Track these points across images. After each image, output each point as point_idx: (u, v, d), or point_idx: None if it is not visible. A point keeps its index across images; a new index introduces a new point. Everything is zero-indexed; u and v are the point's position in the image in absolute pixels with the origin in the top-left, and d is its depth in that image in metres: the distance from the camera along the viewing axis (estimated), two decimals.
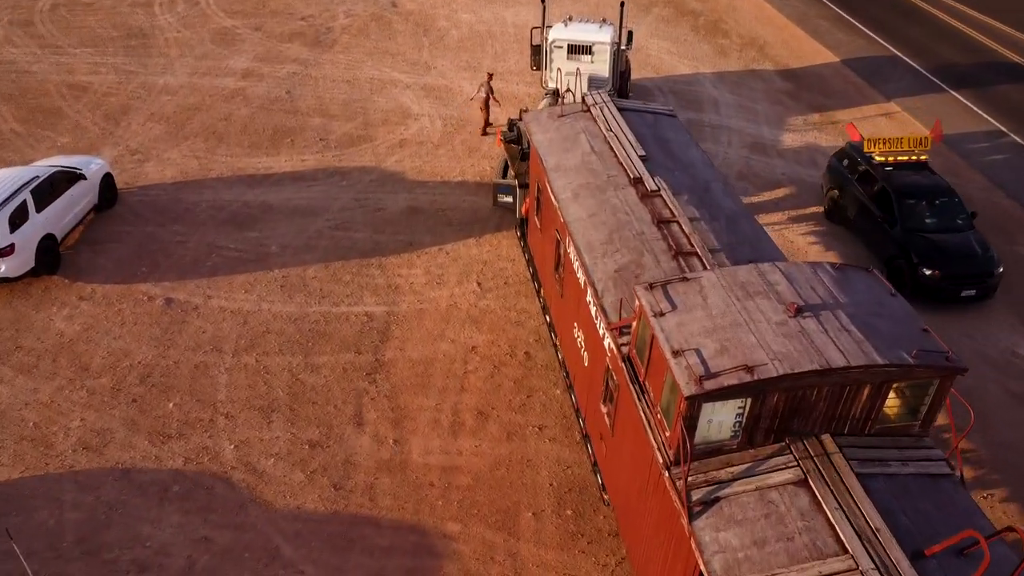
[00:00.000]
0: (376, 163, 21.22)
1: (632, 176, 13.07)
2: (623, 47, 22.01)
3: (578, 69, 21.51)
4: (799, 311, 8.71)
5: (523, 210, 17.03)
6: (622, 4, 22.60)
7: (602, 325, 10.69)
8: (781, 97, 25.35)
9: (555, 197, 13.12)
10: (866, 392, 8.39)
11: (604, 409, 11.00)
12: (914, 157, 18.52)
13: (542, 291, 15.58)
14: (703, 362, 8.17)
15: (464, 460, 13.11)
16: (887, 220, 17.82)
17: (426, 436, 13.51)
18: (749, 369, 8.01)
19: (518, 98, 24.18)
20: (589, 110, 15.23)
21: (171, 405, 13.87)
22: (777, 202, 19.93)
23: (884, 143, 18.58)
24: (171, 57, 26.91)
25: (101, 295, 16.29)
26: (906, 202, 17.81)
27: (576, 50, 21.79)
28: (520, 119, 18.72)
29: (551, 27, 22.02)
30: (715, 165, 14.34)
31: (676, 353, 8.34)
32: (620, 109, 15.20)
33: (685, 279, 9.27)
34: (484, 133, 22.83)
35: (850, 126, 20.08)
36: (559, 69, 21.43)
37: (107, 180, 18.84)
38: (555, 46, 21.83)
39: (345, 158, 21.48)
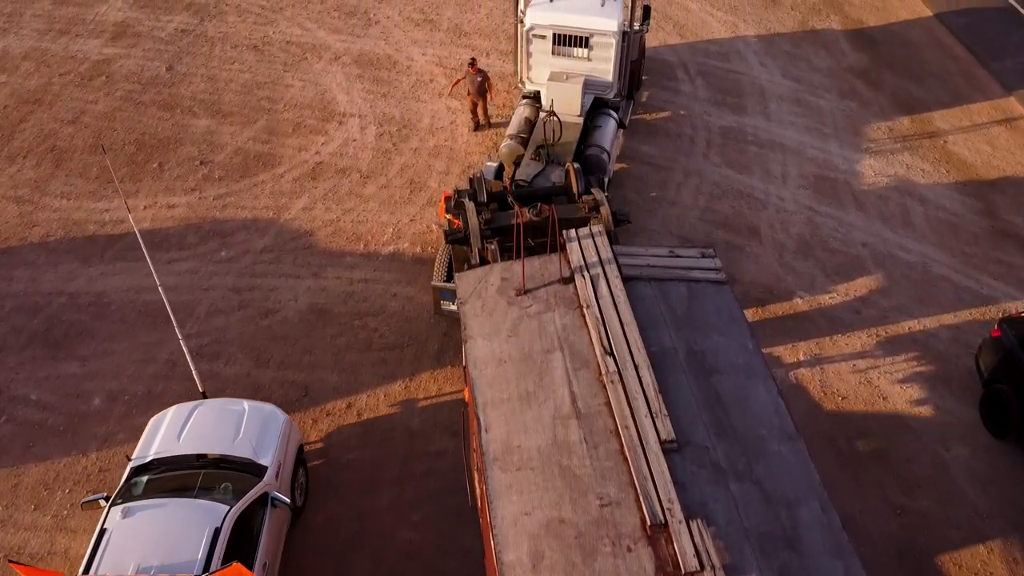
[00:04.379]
0: (275, 213, 14.01)
1: (650, 516, 6.32)
2: (637, 28, 14.15)
3: (566, 75, 13.84)
4: None
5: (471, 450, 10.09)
6: None
7: None
8: (854, 81, 17.32)
9: (498, 555, 6.43)
10: None
11: None
12: None
13: None
14: None
15: None
16: None
17: None
18: None
19: (502, 79, 16.22)
20: (572, 278, 8.15)
21: None
22: (858, 308, 12.68)
23: None
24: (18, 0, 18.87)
25: None
26: None
27: (566, 41, 13.96)
28: (471, 185, 11.38)
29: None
30: (801, 434, 7.35)
31: None
32: (628, 278, 8.13)
33: None
34: (476, 128, 15.55)
35: None
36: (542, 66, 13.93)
37: None
38: (535, 35, 13.99)
39: (231, 202, 14.22)
